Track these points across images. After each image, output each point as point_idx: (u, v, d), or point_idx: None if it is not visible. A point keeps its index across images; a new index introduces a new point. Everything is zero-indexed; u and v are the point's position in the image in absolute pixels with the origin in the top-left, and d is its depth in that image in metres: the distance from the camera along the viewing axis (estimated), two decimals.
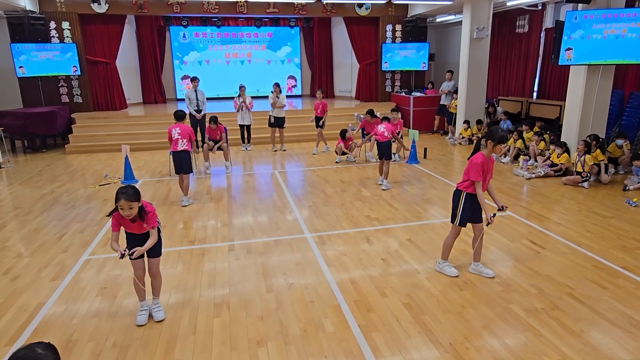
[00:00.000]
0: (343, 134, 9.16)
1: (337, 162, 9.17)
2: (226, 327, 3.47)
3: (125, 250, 3.26)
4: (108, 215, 3.43)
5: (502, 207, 4.11)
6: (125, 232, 3.53)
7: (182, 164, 6.42)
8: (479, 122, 10.84)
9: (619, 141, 7.75)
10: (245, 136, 10.61)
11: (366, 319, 3.53)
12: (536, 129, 9.26)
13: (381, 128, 7.30)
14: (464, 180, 4.07)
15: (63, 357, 3.09)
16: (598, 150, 7.24)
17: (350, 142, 9.30)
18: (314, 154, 10.00)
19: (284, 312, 3.66)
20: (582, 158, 7.20)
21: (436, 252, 4.74)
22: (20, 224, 5.87)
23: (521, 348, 3.14)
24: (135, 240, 3.50)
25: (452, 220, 4.19)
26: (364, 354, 3.11)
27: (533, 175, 7.72)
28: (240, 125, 10.41)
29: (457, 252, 4.74)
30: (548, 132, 9.16)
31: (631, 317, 3.49)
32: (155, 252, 3.56)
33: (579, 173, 7.22)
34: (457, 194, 4.15)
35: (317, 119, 10.01)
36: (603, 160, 7.22)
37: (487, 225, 4.02)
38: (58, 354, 1.55)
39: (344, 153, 9.25)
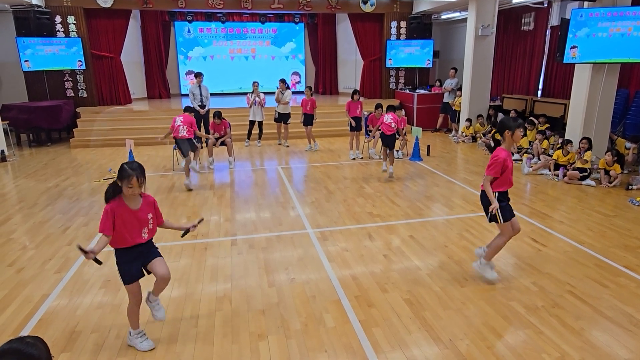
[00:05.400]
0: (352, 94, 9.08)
1: (352, 158, 9.13)
2: (228, 320, 3.50)
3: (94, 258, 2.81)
4: (107, 201, 3.03)
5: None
6: (118, 250, 2.99)
7: (182, 150, 7.09)
8: (479, 116, 10.80)
9: (628, 144, 7.72)
10: (257, 132, 10.58)
11: (367, 315, 3.55)
12: (540, 127, 9.22)
13: (388, 118, 7.23)
14: (490, 181, 3.84)
15: (67, 348, 3.16)
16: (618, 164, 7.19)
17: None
18: (315, 150, 9.99)
19: (285, 306, 3.69)
20: (582, 155, 7.20)
21: (437, 249, 4.76)
22: (25, 216, 5.93)
23: (521, 345, 3.15)
24: (133, 257, 3.00)
25: (494, 221, 3.87)
26: (364, 348, 3.13)
27: (549, 175, 7.68)
28: (251, 121, 10.37)
29: (458, 249, 4.76)
30: (554, 134, 9.09)
31: (631, 315, 3.50)
32: (157, 251, 3.17)
33: (582, 170, 7.19)
34: (485, 195, 3.84)
35: (306, 116, 9.81)
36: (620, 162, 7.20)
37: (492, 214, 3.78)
38: (47, 345, 1.58)
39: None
